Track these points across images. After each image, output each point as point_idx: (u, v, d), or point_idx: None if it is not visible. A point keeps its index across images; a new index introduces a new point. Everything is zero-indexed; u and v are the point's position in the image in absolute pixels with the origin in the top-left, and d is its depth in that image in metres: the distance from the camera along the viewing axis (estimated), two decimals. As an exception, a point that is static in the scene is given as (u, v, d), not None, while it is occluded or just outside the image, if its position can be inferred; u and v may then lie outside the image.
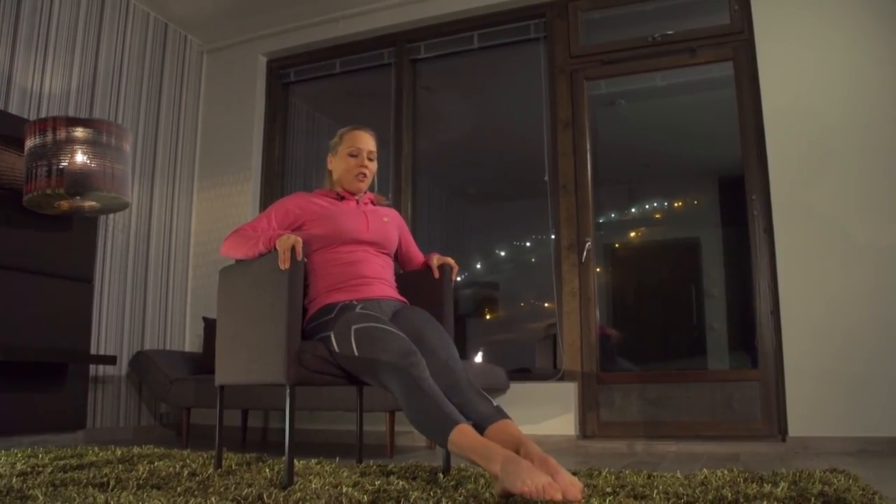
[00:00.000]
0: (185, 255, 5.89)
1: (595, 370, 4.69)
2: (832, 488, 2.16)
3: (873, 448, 3.87)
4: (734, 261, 5.92)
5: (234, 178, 5.92)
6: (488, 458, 2.11)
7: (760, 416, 4.32)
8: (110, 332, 5.13)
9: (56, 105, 4.83)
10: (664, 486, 2.31)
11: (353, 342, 2.56)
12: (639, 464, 3.46)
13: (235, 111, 6.03)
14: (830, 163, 4.26)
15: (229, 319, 2.95)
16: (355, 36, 5.77)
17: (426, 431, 2.37)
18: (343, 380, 2.68)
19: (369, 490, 2.24)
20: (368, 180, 3.13)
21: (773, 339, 4.31)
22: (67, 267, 4.45)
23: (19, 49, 4.62)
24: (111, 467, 2.89)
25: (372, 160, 3.14)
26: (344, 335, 2.60)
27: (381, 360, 2.47)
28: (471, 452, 2.17)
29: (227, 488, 2.31)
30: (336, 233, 2.90)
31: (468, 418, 2.35)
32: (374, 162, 3.15)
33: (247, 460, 3.22)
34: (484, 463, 2.12)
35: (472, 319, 8.52)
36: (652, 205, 7.35)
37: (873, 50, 4.29)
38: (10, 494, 2.18)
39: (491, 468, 2.10)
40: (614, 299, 6.63)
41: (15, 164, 4.18)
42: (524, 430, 4.28)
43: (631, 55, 4.96)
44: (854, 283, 4.11)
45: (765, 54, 4.52)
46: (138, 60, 5.56)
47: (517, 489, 1.96)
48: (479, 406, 2.43)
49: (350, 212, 3.01)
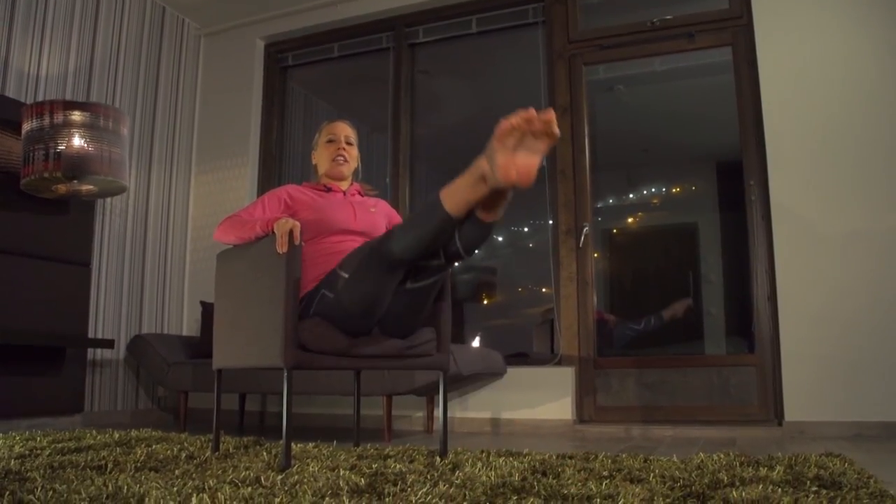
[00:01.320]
0: (182, 238, 5.88)
1: (592, 355, 4.70)
2: (828, 472, 2.17)
3: (869, 433, 3.89)
4: (732, 246, 5.92)
5: (232, 163, 5.91)
6: (473, 170, 2.30)
7: (757, 401, 4.33)
8: (108, 316, 5.13)
9: (53, 88, 4.81)
10: (661, 469, 2.32)
11: (343, 274, 2.60)
12: (635, 448, 3.48)
13: (233, 95, 6.01)
14: (829, 149, 4.26)
15: (227, 303, 2.95)
16: (353, 20, 5.75)
17: (423, 224, 2.43)
18: (341, 363, 2.68)
19: (366, 473, 2.25)
20: (349, 165, 3.25)
21: (770, 324, 4.32)
22: (65, 251, 4.45)
23: (16, 32, 4.59)
24: (109, 450, 2.89)
25: (351, 144, 3.25)
26: (333, 279, 2.64)
27: (363, 251, 2.58)
28: (461, 185, 2.33)
29: (224, 471, 2.32)
30: (324, 223, 2.94)
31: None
32: (353, 147, 3.27)
33: (244, 444, 3.23)
34: (474, 174, 2.29)
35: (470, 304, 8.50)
36: (650, 190, 7.33)
37: (872, 35, 4.28)
38: (9, 477, 2.18)
39: (481, 168, 2.26)
40: (612, 284, 6.63)
41: (12, 148, 4.17)
42: (521, 415, 4.29)
43: (629, 40, 4.94)
44: (851, 269, 4.11)
45: (764, 40, 4.50)
46: (136, 44, 5.54)
47: (499, 161, 2.19)
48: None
49: (337, 203, 3.09)
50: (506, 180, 2.19)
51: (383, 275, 2.54)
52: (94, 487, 1.97)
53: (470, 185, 2.31)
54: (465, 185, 2.33)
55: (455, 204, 2.35)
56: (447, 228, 2.41)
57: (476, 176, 2.29)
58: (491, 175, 2.23)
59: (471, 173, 2.31)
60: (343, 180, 3.25)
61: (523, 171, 2.20)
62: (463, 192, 2.33)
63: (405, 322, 2.76)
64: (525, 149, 2.22)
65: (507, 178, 2.18)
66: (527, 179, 2.20)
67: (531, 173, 2.21)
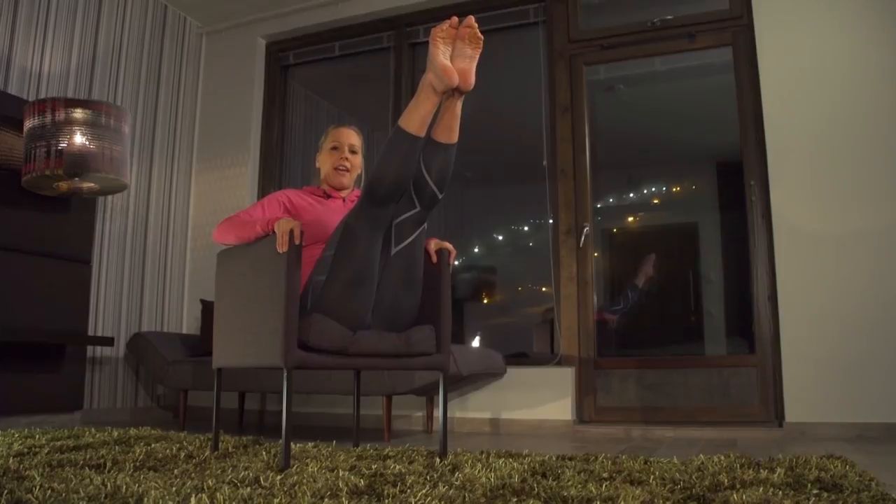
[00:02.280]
0: (183, 236, 5.88)
1: (592, 355, 4.69)
2: (829, 474, 2.17)
3: (870, 434, 3.89)
4: (732, 246, 5.92)
5: (233, 161, 5.91)
6: (420, 87, 2.58)
7: (757, 402, 4.33)
8: (108, 314, 5.13)
9: (55, 86, 4.81)
10: (661, 471, 2.32)
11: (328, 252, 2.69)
12: (635, 449, 3.47)
13: (234, 93, 6.01)
14: (829, 149, 4.25)
15: (227, 302, 2.95)
16: (354, 19, 5.75)
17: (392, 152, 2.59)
18: (341, 363, 2.68)
19: (366, 474, 2.25)
20: (350, 175, 3.29)
21: (771, 324, 4.32)
22: (66, 248, 4.44)
23: (19, 29, 4.59)
24: (108, 448, 2.89)
25: (355, 153, 3.29)
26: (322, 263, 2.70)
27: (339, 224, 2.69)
28: (414, 105, 2.59)
29: (223, 471, 2.32)
30: (323, 229, 2.93)
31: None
32: (357, 155, 3.31)
33: (243, 443, 3.22)
34: (423, 88, 2.58)
35: (470, 303, 8.51)
36: (650, 190, 7.34)
37: (872, 35, 4.27)
38: (7, 475, 2.18)
39: (427, 81, 2.56)
40: (612, 284, 6.63)
41: (14, 145, 4.17)
42: (521, 415, 4.29)
43: (630, 40, 4.94)
44: (852, 269, 4.11)
45: (764, 40, 4.50)
46: (137, 42, 5.54)
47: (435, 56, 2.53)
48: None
49: (336, 210, 3.11)
50: (450, 78, 2.49)
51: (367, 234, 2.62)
52: (92, 487, 1.96)
53: (422, 101, 2.58)
54: (417, 103, 2.59)
55: (413, 123, 2.58)
56: (415, 149, 2.60)
57: (425, 89, 2.57)
58: (437, 80, 2.53)
59: (419, 91, 2.59)
60: (342, 190, 3.26)
61: (463, 75, 2.54)
62: (417, 110, 2.58)
63: (403, 303, 2.78)
64: (460, 55, 2.58)
65: (450, 75, 2.49)
66: (466, 82, 2.55)
67: (469, 76, 2.56)
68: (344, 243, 2.62)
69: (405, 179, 2.62)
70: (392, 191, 2.59)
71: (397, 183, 2.59)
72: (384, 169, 2.57)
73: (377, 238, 2.65)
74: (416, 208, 2.69)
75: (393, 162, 2.57)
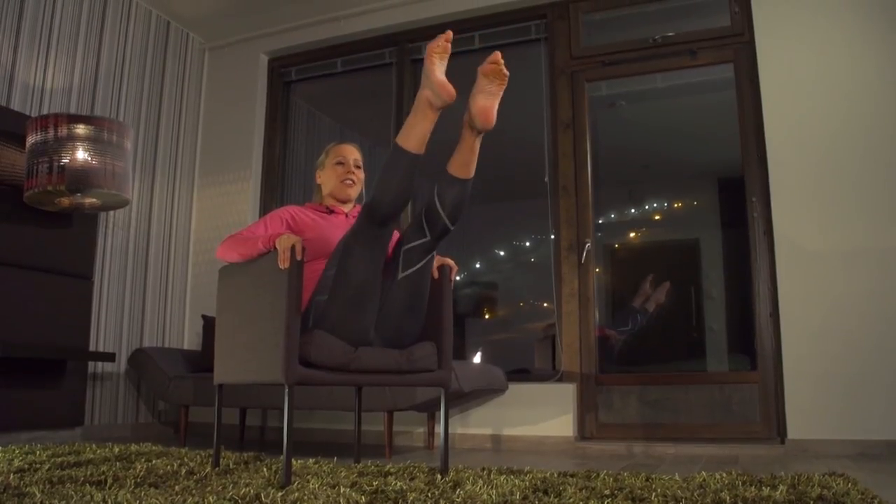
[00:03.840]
0: (184, 252, 5.89)
1: (594, 371, 4.69)
2: (831, 492, 2.16)
3: (872, 451, 3.87)
4: (734, 262, 5.92)
5: (235, 177, 5.92)
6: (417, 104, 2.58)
7: (759, 419, 4.31)
8: (109, 330, 5.13)
9: (58, 102, 4.83)
10: (662, 488, 2.31)
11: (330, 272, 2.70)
12: (637, 466, 3.46)
13: (236, 109, 6.03)
14: (830, 165, 4.26)
15: (229, 318, 2.95)
16: (356, 35, 5.76)
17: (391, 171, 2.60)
18: (342, 379, 2.68)
19: (367, 491, 2.24)
20: (357, 187, 3.31)
21: (773, 341, 4.31)
22: (67, 264, 4.45)
23: (22, 45, 4.61)
24: (109, 465, 2.88)
25: (359, 167, 3.31)
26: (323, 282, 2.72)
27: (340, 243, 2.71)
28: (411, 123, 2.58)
29: (224, 487, 2.31)
30: (326, 245, 2.92)
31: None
32: (360, 170, 3.33)
33: (245, 459, 3.22)
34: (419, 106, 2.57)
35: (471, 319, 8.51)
36: (652, 206, 7.34)
37: (873, 52, 4.29)
38: (8, 491, 2.17)
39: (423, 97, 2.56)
40: (614, 300, 6.62)
41: (16, 161, 4.18)
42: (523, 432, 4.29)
43: (631, 57, 4.95)
44: (854, 285, 4.11)
45: (765, 56, 4.51)
46: (140, 58, 5.56)
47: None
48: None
49: (339, 225, 3.12)
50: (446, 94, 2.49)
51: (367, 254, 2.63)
52: (93, 503, 1.96)
53: (419, 118, 2.57)
54: (414, 121, 2.57)
55: (410, 140, 2.57)
56: (414, 167, 2.60)
57: (421, 106, 2.54)
58: (434, 96, 2.52)
59: (416, 108, 2.58)
60: (348, 202, 3.27)
61: (484, 113, 2.54)
62: (415, 128, 2.57)
63: (406, 327, 2.79)
64: (482, 92, 2.57)
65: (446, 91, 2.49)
66: (487, 120, 2.55)
67: (490, 114, 2.55)
68: (344, 263, 2.63)
69: (404, 198, 2.64)
70: (392, 210, 2.61)
71: (397, 202, 2.61)
72: (384, 187, 2.58)
73: (378, 257, 2.67)
74: (426, 237, 2.71)
75: (392, 181, 2.58)
